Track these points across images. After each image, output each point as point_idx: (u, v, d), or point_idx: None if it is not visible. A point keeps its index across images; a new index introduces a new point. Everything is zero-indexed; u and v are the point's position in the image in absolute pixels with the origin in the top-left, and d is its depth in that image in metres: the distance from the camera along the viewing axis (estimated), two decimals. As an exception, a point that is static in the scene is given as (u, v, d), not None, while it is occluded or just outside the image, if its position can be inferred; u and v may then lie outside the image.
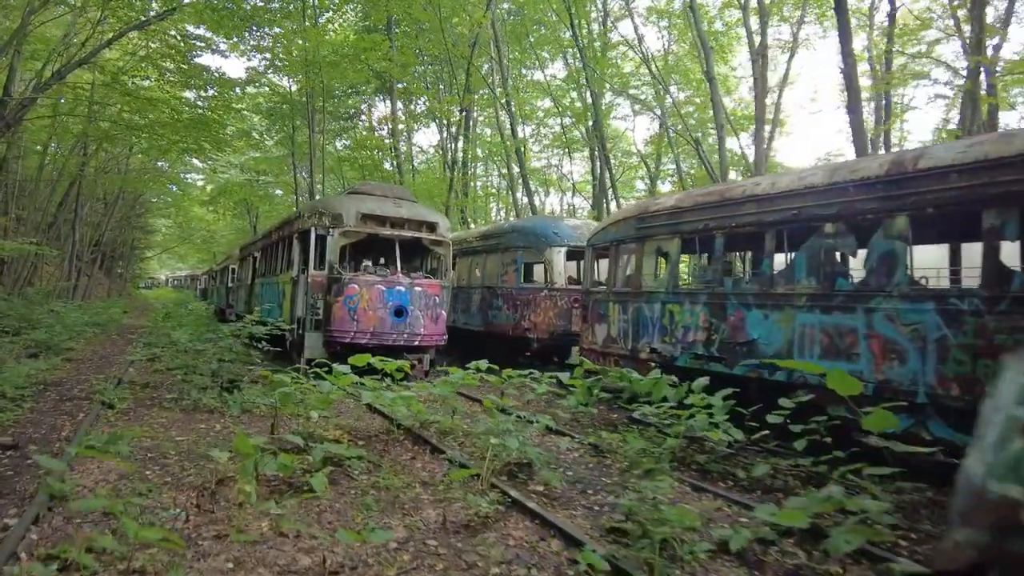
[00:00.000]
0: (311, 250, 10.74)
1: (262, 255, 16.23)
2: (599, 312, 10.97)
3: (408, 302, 10.82)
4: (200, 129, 24.72)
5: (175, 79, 23.52)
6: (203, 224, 54.44)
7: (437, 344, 11.33)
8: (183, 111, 23.93)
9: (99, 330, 19.36)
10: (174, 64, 22.49)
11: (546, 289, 12.84)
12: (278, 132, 30.29)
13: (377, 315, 10.57)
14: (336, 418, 8.25)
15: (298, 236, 11.63)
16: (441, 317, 11.32)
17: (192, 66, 21.80)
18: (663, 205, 9.68)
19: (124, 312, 31.03)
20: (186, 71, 22.68)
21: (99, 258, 44.32)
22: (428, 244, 11.71)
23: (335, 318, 10.51)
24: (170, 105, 23.07)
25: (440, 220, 11.70)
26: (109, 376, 10.55)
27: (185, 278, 74.42)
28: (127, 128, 23.80)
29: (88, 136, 26.30)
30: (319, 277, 10.75)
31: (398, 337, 10.70)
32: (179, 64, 22.21)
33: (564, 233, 12.98)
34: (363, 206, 10.94)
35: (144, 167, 35.30)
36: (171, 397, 8.83)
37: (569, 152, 22.65)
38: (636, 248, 10.07)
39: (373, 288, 10.61)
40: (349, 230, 10.76)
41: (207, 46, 24.11)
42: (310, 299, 10.74)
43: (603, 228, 11.12)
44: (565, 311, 12.68)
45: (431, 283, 11.27)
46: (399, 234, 11.13)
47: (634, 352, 9.96)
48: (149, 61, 22.50)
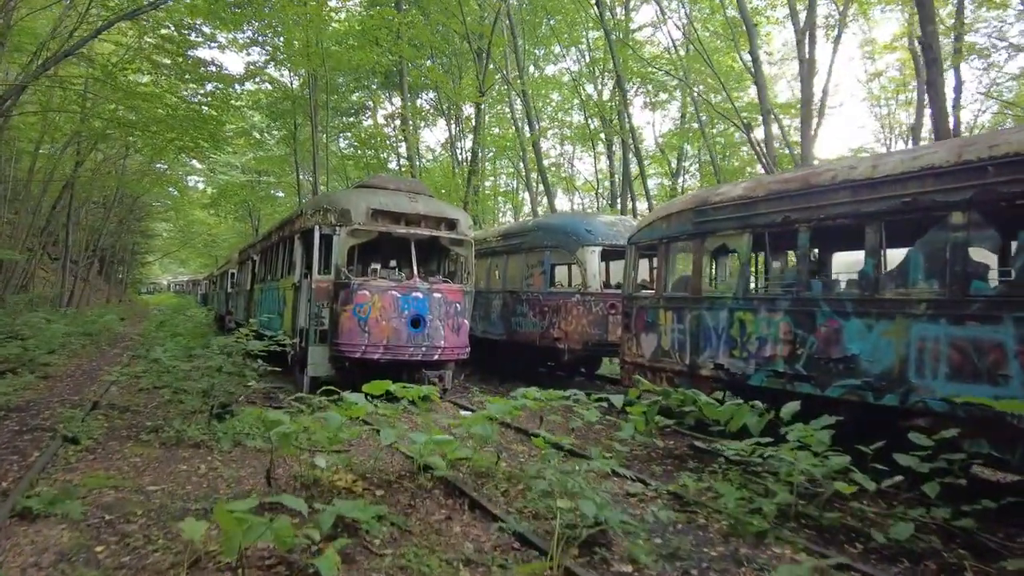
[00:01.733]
0: (315, 252, 9.35)
1: (261, 258, 14.86)
2: (646, 320, 9.55)
3: (426, 310, 9.42)
4: (197, 127, 23.43)
5: (170, 74, 22.21)
6: (204, 228, 53.21)
7: (459, 358, 9.92)
8: (179, 107, 22.64)
9: (89, 340, 18.01)
10: (169, 58, 21.18)
11: (578, 294, 11.43)
12: (280, 129, 28.94)
13: (391, 326, 9.18)
14: (347, 452, 6.85)
15: (300, 236, 10.25)
16: (463, 327, 9.92)
17: (187, 58, 20.45)
18: (728, 195, 8.26)
19: (121, 319, 29.70)
20: (181, 64, 21.37)
21: (97, 263, 43.07)
22: (447, 244, 10.31)
23: (343, 330, 9.12)
24: (164, 100, 21.75)
25: (461, 216, 10.30)
26: (85, 398, 9.18)
27: (187, 283, 73.25)
28: (119, 125, 22.45)
29: (81, 135, 25.03)
30: (324, 283, 9.36)
31: (415, 351, 9.30)
32: (174, 58, 20.89)
33: (598, 231, 11.57)
34: (374, 201, 9.55)
35: (142, 169, 34.01)
36: (151, 426, 7.45)
37: (593, 144, 21.19)
38: (694, 246, 8.66)
39: (386, 295, 9.22)
40: (358, 228, 9.37)
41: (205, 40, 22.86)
42: (314, 308, 9.35)
43: (649, 224, 9.71)
44: (600, 318, 11.26)
45: (452, 288, 9.88)
46: (415, 232, 9.74)
47: (693, 368, 8.55)
48: (143, 56, 21.15)
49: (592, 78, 24.98)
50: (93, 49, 23.05)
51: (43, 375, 11.53)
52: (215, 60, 21.50)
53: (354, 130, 31.07)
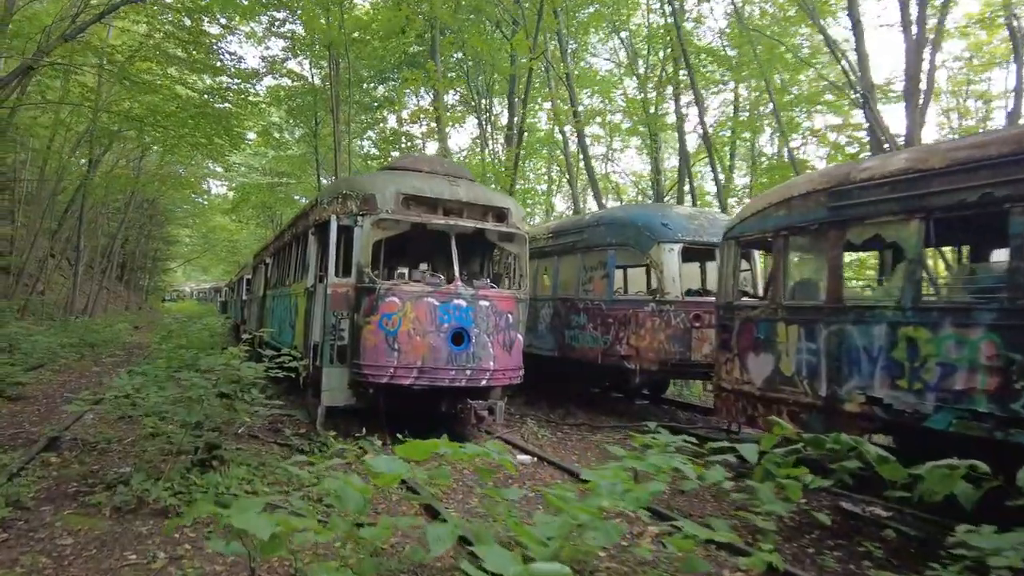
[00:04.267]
0: (331, 249, 7.39)
1: (274, 260, 13.00)
2: (755, 337, 7.42)
3: (471, 323, 7.39)
4: (212, 121, 21.86)
5: (182, 65, 20.62)
6: (226, 234, 52.07)
7: (511, 382, 7.87)
8: (191, 101, 21.06)
9: (88, 352, 16.32)
10: (181, 47, 19.56)
11: (653, 302, 9.32)
12: (300, 127, 27.26)
13: (427, 342, 7.17)
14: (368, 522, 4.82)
15: (315, 231, 8.32)
16: (517, 344, 7.88)
17: (200, 44, 18.79)
18: (884, 169, 6.11)
19: (135, 328, 28.20)
20: (193, 54, 19.73)
21: (115, 268, 41.93)
22: (495, 239, 8.29)
23: (366, 347, 7.13)
24: (175, 92, 20.19)
25: (511, 205, 8.27)
26: (45, 431, 7.30)
27: (209, 290, 72.35)
28: (131, 119, 20.90)
29: (93, 133, 23.61)
30: (343, 287, 7.39)
31: (458, 375, 7.27)
32: (185, 46, 19.25)
33: (677, 224, 9.48)
34: (405, 185, 7.57)
35: (158, 171, 32.66)
36: (110, 478, 5.51)
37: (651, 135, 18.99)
38: (831, 237, 6.53)
39: (421, 303, 7.21)
40: (386, 218, 7.39)
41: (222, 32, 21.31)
42: (330, 319, 7.38)
43: (757, 212, 7.58)
44: (681, 333, 9.15)
45: (502, 295, 7.84)
46: (457, 224, 7.73)
47: (831, 401, 6.40)
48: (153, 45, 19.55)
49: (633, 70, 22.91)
50: (104, 40, 21.68)
51: (14, 396, 9.75)
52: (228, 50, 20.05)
53: (378, 128, 29.31)
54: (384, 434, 7.41)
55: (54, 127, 23.02)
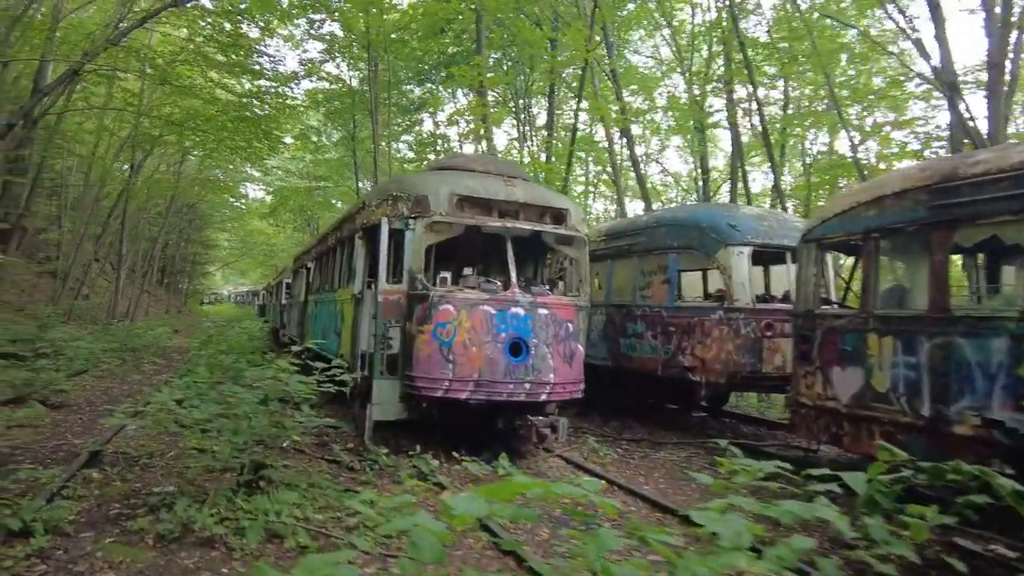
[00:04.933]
0: (382, 253, 6.96)
1: (317, 265, 12.68)
2: (841, 348, 6.77)
3: (529, 333, 6.88)
4: (251, 125, 21.84)
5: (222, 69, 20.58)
6: (263, 237, 52.58)
7: (572, 397, 7.33)
8: (231, 104, 21.05)
9: (130, 356, 16.26)
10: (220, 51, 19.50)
11: (721, 309, 8.69)
12: (338, 129, 27.12)
13: (484, 353, 6.67)
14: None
15: (362, 234, 7.90)
16: (578, 355, 7.34)
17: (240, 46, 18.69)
18: (1001, 163, 5.43)
19: (174, 331, 28.38)
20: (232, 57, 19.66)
21: (155, 272, 42.56)
22: (553, 242, 7.77)
23: (419, 357, 6.67)
24: (215, 95, 20.17)
25: (571, 206, 7.74)
26: (87, 444, 7.01)
27: (247, 293, 73.27)
28: (172, 124, 20.98)
29: (136, 138, 23.83)
30: (394, 294, 6.95)
31: (516, 389, 6.75)
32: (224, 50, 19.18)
33: (746, 226, 8.83)
34: (459, 185, 7.10)
35: (197, 175, 32.97)
36: (151, 502, 5.13)
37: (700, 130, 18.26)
38: (933, 240, 5.86)
39: (477, 311, 6.73)
40: (439, 221, 6.92)
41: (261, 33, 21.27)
42: (380, 327, 6.94)
43: (844, 212, 6.91)
44: (752, 343, 8.50)
45: (562, 303, 7.31)
46: (513, 226, 7.23)
47: (937, 422, 5.72)
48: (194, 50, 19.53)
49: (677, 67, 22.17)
50: (146, 45, 21.84)
51: (57, 404, 9.56)
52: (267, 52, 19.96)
53: (415, 130, 29.06)
54: (439, 451, 6.94)
55: (98, 132, 23.29)
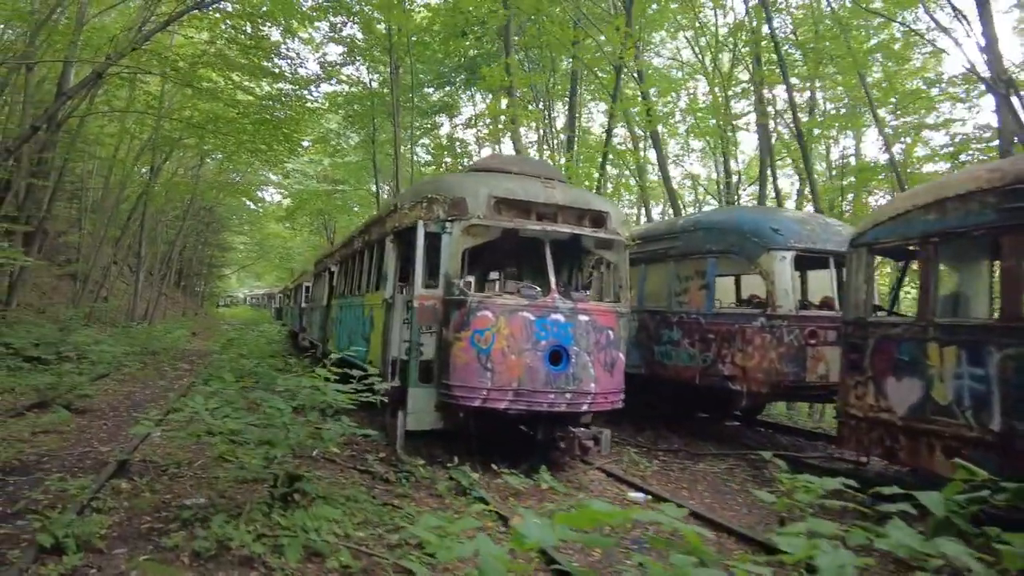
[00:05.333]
0: (418, 257, 6.72)
1: (341, 269, 12.48)
2: (897, 358, 6.44)
3: (570, 340, 6.61)
4: (272, 128, 21.79)
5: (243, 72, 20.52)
6: (280, 241, 52.71)
7: (613, 407, 7.05)
8: (251, 106, 21.01)
9: (151, 360, 16.17)
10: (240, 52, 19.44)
11: (763, 316, 8.37)
12: (357, 132, 27.02)
13: (523, 361, 6.41)
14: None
15: (394, 237, 7.68)
16: (619, 364, 7.06)
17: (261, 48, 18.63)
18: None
19: (192, 334, 28.37)
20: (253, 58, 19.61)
21: (173, 274, 42.70)
22: (592, 246, 7.51)
23: (456, 365, 6.42)
24: (235, 97, 20.11)
25: (611, 209, 7.47)
26: (114, 453, 6.82)
27: (263, 296, 73.51)
28: (189, 126, 20.98)
29: (156, 140, 23.87)
30: (430, 299, 6.71)
31: (557, 398, 6.49)
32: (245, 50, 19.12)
33: (789, 230, 8.51)
34: (497, 187, 6.85)
35: (216, 178, 33.05)
36: (184, 516, 4.91)
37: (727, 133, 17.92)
38: (1004, 244, 5.53)
39: (516, 317, 6.47)
40: (477, 224, 6.68)
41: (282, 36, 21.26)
42: (414, 334, 6.70)
43: (895, 216, 6.59)
44: (796, 351, 8.17)
45: (603, 309, 7.04)
46: (552, 229, 6.97)
47: (1009, 438, 5.40)
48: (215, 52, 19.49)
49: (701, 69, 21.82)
50: (168, 48, 21.88)
51: (81, 408, 9.41)
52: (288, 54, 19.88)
53: (432, 134, 28.91)
54: (475, 462, 6.68)
55: (120, 135, 23.32)
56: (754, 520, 6.16)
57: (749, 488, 7.51)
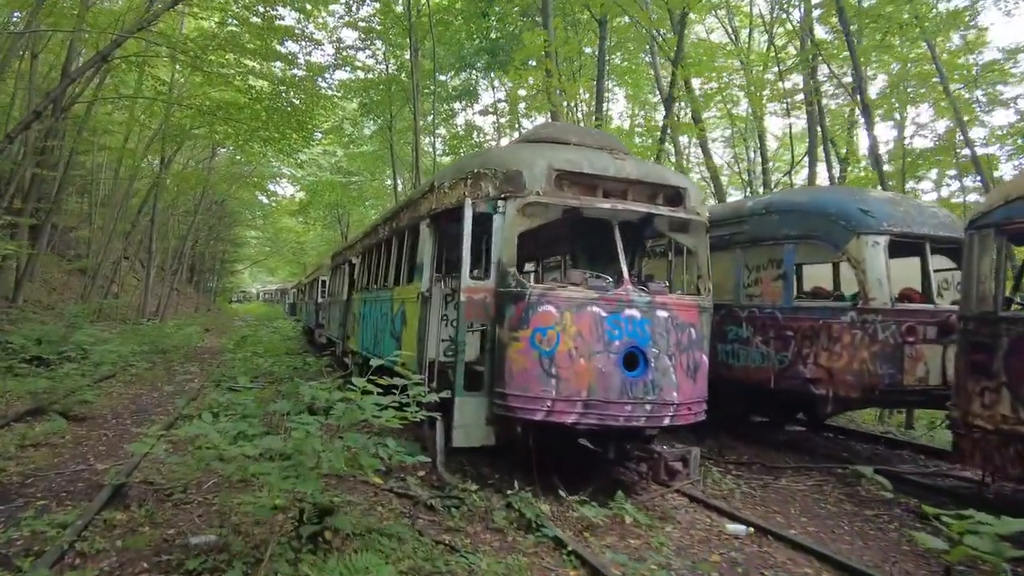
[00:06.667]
0: (465, 242, 5.67)
1: (363, 260, 11.46)
2: (1047, 362, 5.33)
3: (648, 340, 5.54)
4: (284, 116, 20.84)
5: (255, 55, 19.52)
6: (293, 235, 51.93)
7: (697, 419, 5.99)
8: (263, 93, 20.05)
9: (161, 359, 15.26)
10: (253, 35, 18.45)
11: (854, 310, 7.26)
12: (375, 120, 25.98)
13: (593, 366, 5.35)
14: None
15: (430, 222, 6.64)
16: (703, 367, 6.00)
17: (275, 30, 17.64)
18: None
19: (205, 331, 27.51)
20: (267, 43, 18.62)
21: (185, 270, 42.01)
22: (667, 228, 6.42)
23: (514, 370, 5.37)
24: (247, 83, 19.15)
25: (689, 185, 6.37)
26: (112, 473, 5.83)
27: (276, 292, 72.92)
28: (200, 113, 20.04)
29: (165, 130, 22.97)
30: (479, 291, 5.66)
31: (634, 410, 5.42)
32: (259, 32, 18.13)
33: (881, 212, 7.39)
34: (559, 159, 5.78)
35: (228, 170, 32.19)
36: (195, 568, 3.90)
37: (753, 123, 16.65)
38: None
39: (584, 313, 5.41)
40: (536, 202, 5.61)
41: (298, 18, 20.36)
42: (462, 334, 5.66)
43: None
44: (892, 350, 7.07)
45: (684, 303, 5.96)
46: (624, 208, 5.89)
47: None
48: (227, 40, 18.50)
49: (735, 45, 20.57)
50: (177, 31, 21.01)
51: (80, 416, 8.47)
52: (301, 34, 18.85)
53: (448, 123, 27.79)
54: (534, 484, 5.64)
55: (129, 124, 22.46)
56: (877, 556, 5.08)
57: (845, 507, 6.45)
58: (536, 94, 16.46)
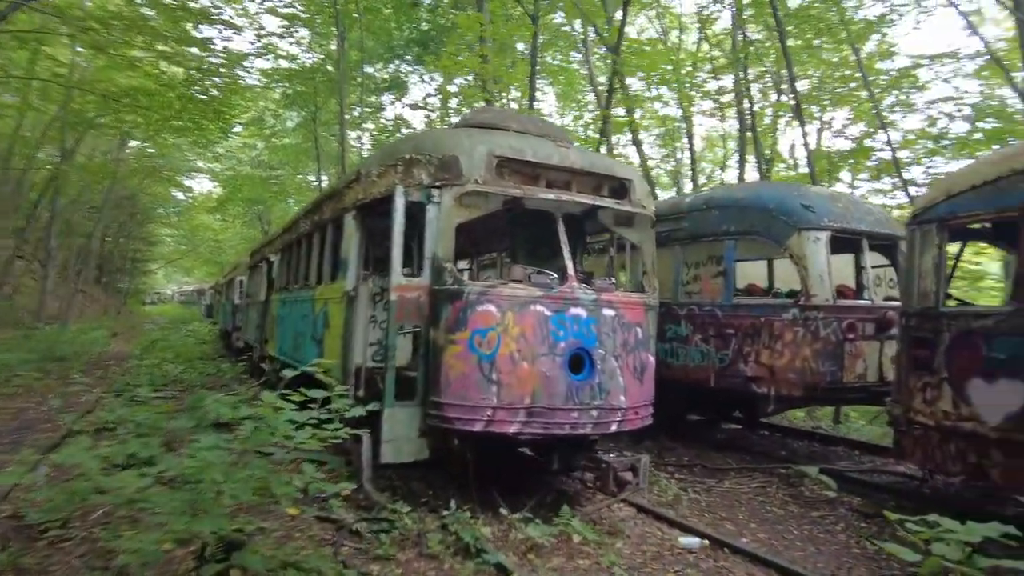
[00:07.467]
0: (395, 235, 5.13)
1: (283, 257, 10.65)
2: (988, 356, 5.29)
3: (594, 340, 5.16)
4: (200, 105, 19.49)
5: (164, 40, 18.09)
6: (210, 233, 49.31)
7: (644, 423, 5.66)
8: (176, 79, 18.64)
9: (57, 367, 13.82)
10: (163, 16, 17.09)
11: (796, 307, 7.16)
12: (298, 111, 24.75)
13: (538, 370, 4.92)
14: None
15: (357, 214, 6.06)
16: (649, 368, 5.69)
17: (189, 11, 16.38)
18: None
19: (113, 335, 25.52)
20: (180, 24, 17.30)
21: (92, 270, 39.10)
22: (611, 222, 6.08)
23: (451, 377, 4.87)
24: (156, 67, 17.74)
25: (635, 177, 6.04)
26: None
27: (193, 292, 69.27)
28: (104, 99, 18.43)
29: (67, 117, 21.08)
30: (412, 289, 5.13)
31: (581, 416, 5.03)
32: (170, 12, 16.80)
33: (821, 207, 7.33)
34: (500, 145, 5.31)
35: (138, 164, 30.00)
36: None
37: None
38: None
39: (527, 312, 4.97)
40: (475, 191, 5.13)
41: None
42: (392, 338, 5.11)
43: (981, 184, 5.41)
44: (833, 348, 7.00)
45: (631, 301, 5.63)
46: (569, 199, 5.49)
47: None
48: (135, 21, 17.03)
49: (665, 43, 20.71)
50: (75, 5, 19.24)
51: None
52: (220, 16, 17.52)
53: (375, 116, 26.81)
54: (471, 500, 5.16)
55: (21, 108, 20.40)
56: (831, 563, 4.88)
57: (791, 508, 6.30)
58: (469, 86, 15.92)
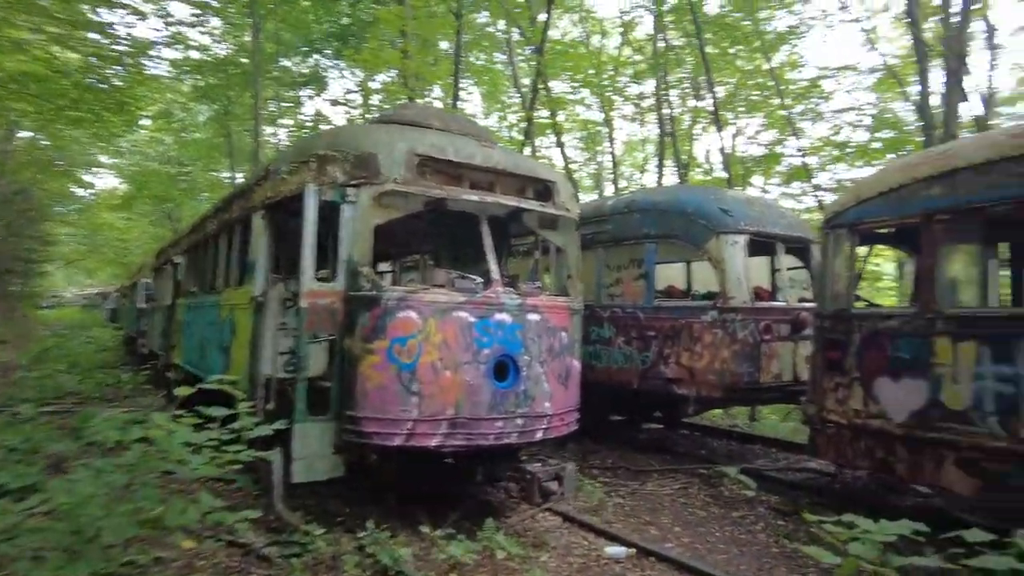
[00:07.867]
0: (307, 237, 4.80)
1: (190, 259, 9.99)
2: (894, 355, 5.52)
3: (519, 347, 5.02)
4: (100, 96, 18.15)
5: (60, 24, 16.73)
6: (115, 232, 46.18)
7: (570, 429, 5.57)
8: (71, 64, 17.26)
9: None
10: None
11: (714, 308, 7.28)
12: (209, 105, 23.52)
13: (461, 379, 4.73)
14: None
15: (266, 213, 5.68)
16: (574, 374, 5.60)
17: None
18: None
19: (1, 343, 23.43)
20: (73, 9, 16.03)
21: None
22: (536, 224, 5.96)
23: (368, 389, 4.60)
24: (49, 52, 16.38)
25: (559, 179, 5.94)
26: None
27: (96, 296, 64.83)
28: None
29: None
30: (326, 295, 4.82)
31: (506, 425, 4.87)
32: None
33: (739, 211, 7.48)
34: (421, 143, 5.08)
35: (29, 157, 27.71)
36: None
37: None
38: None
39: (450, 319, 4.77)
40: (394, 191, 4.88)
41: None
42: (304, 347, 4.79)
43: (888, 191, 5.64)
44: (751, 348, 7.15)
45: (556, 305, 5.51)
46: (494, 201, 5.32)
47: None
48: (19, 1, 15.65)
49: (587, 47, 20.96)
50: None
51: None
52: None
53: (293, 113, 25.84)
54: (390, 517, 4.91)
55: None
56: (753, 564, 4.94)
57: (713, 510, 6.38)
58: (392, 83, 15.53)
